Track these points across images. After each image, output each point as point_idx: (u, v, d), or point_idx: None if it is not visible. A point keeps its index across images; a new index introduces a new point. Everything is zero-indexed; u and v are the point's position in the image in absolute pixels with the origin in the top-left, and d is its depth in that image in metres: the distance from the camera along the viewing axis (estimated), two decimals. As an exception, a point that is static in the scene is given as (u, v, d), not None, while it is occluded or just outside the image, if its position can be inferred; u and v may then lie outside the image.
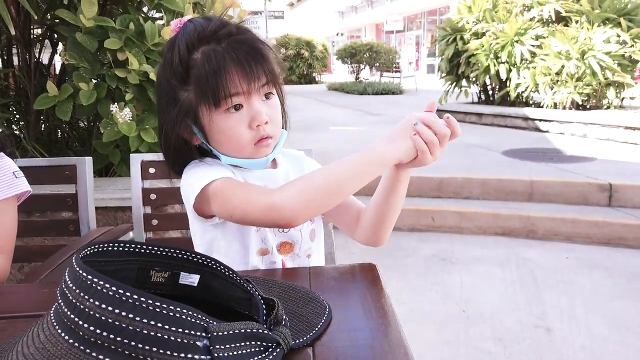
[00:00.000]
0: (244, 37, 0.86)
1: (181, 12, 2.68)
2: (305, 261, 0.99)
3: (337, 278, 0.85)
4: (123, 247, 0.64)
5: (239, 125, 0.87)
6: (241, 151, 0.89)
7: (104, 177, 2.79)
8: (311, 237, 0.99)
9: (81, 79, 2.48)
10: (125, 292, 0.49)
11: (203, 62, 0.83)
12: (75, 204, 1.51)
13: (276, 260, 0.95)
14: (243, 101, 0.86)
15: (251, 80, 0.84)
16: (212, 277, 0.68)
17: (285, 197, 0.78)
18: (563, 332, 2.25)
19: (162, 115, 0.91)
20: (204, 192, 0.85)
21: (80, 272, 0.53)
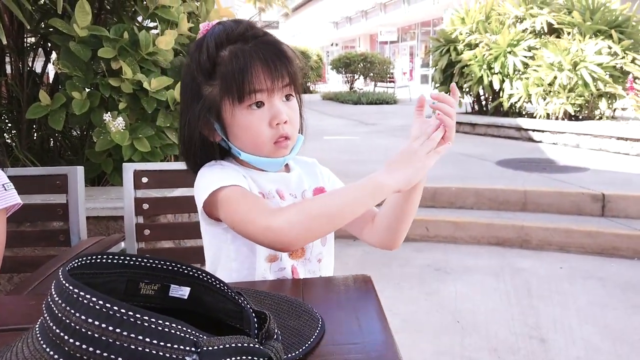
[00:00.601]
0: (271, 38, 0.90)
1: (176, 21, 2.68)
2: (316, 266, 0.98)
3: (330, 290, 0.84)
4: (112, 259, 0.63)
5: (260, 122, 0.89)
6: (260, 149, 0.91)
7: (96, 186, 2.77)
8: (322, 241, 0.99)
9: (74, 88, 2.47)
10: (112, 305, 0.48)
11: (230, 59, 0.87)
12: (66, 213, 1.49)
13: (286, 267, 0.94)
14: (265, 99, 0.88)
15: (275, 79, 0.87)
16: (203, 290, 0.67)
17: (283, 222, 0.79)
18: (557, 342, 2.24)
19: (184, 112, 0.93)
20: (213, 197, 0.86)
21: (66, 285, 0.51)
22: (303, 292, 0.82)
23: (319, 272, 0.98)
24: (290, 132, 0.91)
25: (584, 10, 6.24)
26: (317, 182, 1.03)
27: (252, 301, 0.76)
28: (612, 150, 5.34)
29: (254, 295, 0.78)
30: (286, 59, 0.89)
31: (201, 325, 0.68)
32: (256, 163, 0.93)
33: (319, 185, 1.02)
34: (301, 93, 0.97)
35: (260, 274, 0.92)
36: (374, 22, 25.90)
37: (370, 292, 0.82)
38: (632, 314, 2.50)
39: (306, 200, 0.86)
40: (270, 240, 0.80)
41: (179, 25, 2.69)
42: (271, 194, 0.94)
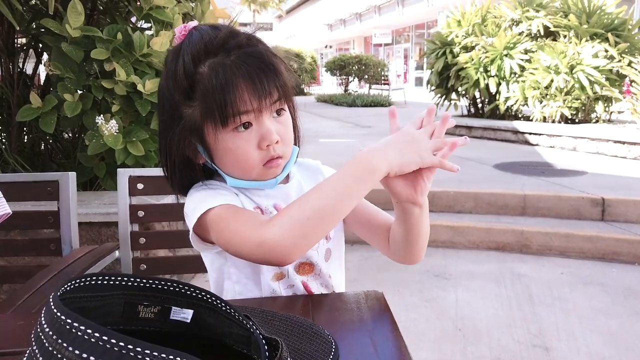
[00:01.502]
0: (255, 49, 0.79)
1: (170, 22, 2.63)
2: (327, 281, 0.91)
3: (341, 309, 0.78)
4: (108, 280, 0.57)
5: (248, 145, 0.80)
6: (249, 172, 0.83)
7: (88, 190, 2.71)
8: (325, 257, 0.92)
9: (66, 90, 2.41)
10: (109, 338, 0.42)
11: (210, 77, 0.76)
12: (57, 221, 1.43)
13: (295, 283, 0.88)
14: (252, 119, 0.79)
15: (262, 97, 0.77)
16: (207, 312, 0.61)
17: (275, 233, 0.71)
18: (562, 351, 2.20)
19: (164, 131, 0.84)
20: (202, 220, 0.79)
21: (57, 314, 0.46)
22: (312, 312, 0.77)
23: (332, 287, 0.92)
24: (282, 151, 0.82)
25: (580, 13, 6.24)
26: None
27: (260, 322, 0.70)
28: (609, 153, 5.33)
29: (261, 315, 0.73)
30: (274, 71, 0.79)
31: (205, 351, 0.62)
32: (246, 187, 0.85)
33: None
34: (293, 102, 0.87)
35: (269, 294, 0.86)
36: (368, 24, 25.93)
37: (385, 312, 0.76)
38: (635, 321, 2.46)
39: (295, 202, 0.74)
40: (266, 256, 0.72)
41: (174, 26, 2.63)
42: (268, 209, 0.87)
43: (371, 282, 2.88)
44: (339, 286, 0.94)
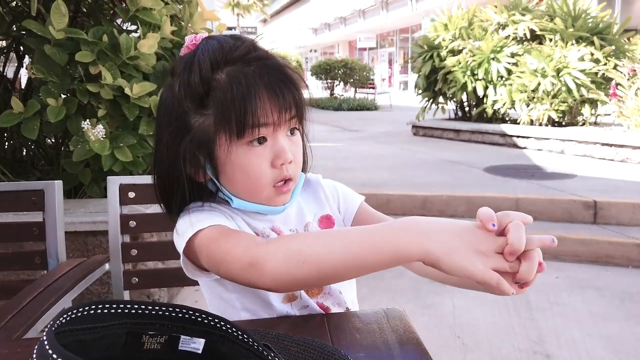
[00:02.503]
0: (275, 62, 0.74)
1: (158, 24, 2.54)
2: (339, 298, 0.84)
3: (361, 329, 0.71)
4: (108, 308, 0.50)
5: (261, 161, 0.74)
6: (258, 193, 0.76)
7: (72, 198, 2.60)
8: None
9: (49, 94, 2.31)
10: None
11: (230, 84, 0.70)
12: (42, 233, 1.34)
13: (309, 304, 0.80)
14: (269, 134, 0.73)
15: (282, 110, 0.72)
16: (221, 341, 0.54)
17: (270, 259, 0.64)
18: (563, 357, 2.16)
19: (163, 145, 0.76)
20: (192, 244, 0.72)
21: (50, 352, 0.39)
22: (330, 333, 0.70)
23: (344, 304, 0.85)
24: (293, 174, 0.77)
25: (566, 17, 6.28)
26: (323, 209, 0.88)
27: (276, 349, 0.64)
28: (597, 156, 5.36)
29: (275, 340, 0.66)
30: (294, 86, 0.74)
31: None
32: (253, 210, 0.78)
33: (325, 212, 0.87)
34: (304, 124, 0.81)
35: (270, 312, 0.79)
36: (353, 28, 26.01)
37: (410, 333, 0.70)
38: (634, 325, 2.44)
39: (300, 237, 0.68)
40: (254, 278, 0.65)
41: (162, 29, 2.55)
42: (265, 232, 0.80)
43: (365, 289, 2.82)
44: (352, 302, 0.87)
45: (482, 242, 0.58)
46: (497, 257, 0.58)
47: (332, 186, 0.92)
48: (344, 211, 0.90)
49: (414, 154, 6.04)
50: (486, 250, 0.58)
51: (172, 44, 2.72)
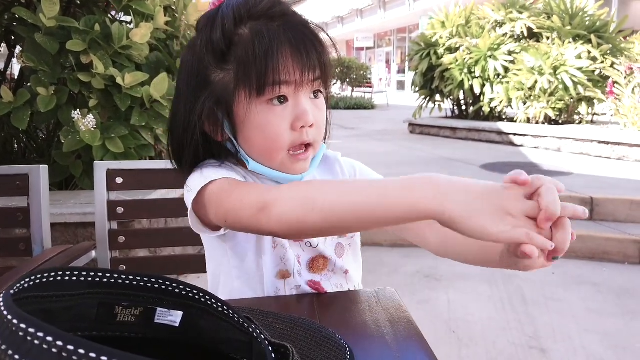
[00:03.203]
0: (301, 19, 0.71)
1: (151, 15, 2.51)
2: (342, 279, 0.81)
3: (350, 309, 0.68)
4: (78, 275, 0.47)
5: (280, 122, 0.70)
6: (275, 155, 0.72)
7: (63, 190, 2.57)
8: (337, 252, 0.81)
9: (40, 84, 2.27)
10: (77, 348, 0.32)
11: (252, 39, 0.68)
12: (27, 219, 1.30)
13: (301, 284, 0.77)
14: (290, 94, 0.70)
15: (305, 70, 0.69)
16: (200, 314, 0.51)
17: (280, 203, 0.61)
18: (559, 352, 2.14)
19: (181, 101, 0.74)
20: (201, 195, 0.69)
21: (8, 317, 0.35)
22: (319, 312, 0.67)
23: (346, 286, 0.81)
24: (314, 139, 0.73)
25: (563, 15, 6.27)
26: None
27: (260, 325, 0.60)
28: (593, 154, 5.34)
29: (261, 317, 0.63)
30: (320, 45, 0.71)
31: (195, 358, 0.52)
32: (267, 175, 0.75)
33: None
34: (329, 88, 0.77)
35: (273, 294, 0.76)
36: (350, 27, 25.99)
37: (401, 311, 0.67)
38: (630, 320, 2.42)
39: (312, 184, 0.65)
40: (261, 222, 0.62)
41: (155, 19, 2.51)
42: None
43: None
44: (355, 282, 0.84)
45: (510, 203, 0.51)
46: (528, 221, 0.51)
47: (349, 164, 0.89)
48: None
49: (411, 152, 6.01)
50: (515, 212, 0.51)
51: (165, 34, 2.69)
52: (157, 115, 2.44)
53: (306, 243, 0.78)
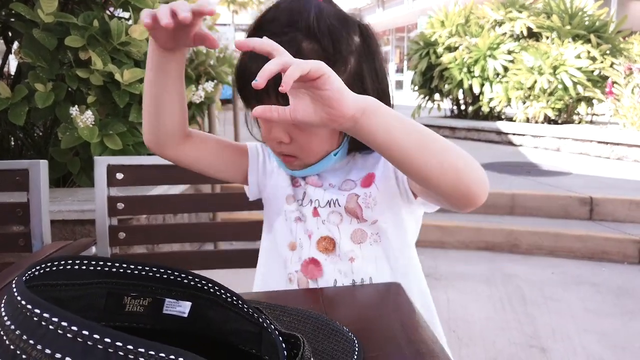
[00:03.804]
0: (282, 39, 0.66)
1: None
2: (347, 266, 0.81)
3: (357, 303, 0.68)
4: (87, 264, 0.46)
5: (263, 125, 0.81)
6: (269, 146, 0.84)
7: (61, 187, 2.55)
8: (353, 238, 0.82)
9: (37, 80, 2.26)
10: (91, 333, 0.32)
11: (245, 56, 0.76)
12: (26, 215, 1.29)
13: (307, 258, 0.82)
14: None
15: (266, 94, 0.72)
16: (208, 305, 0.50)
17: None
18: (558, 352, 2.14)
19: None
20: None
21: (22, 302, 0.35)
22: (325, 307, 0.66)
23: (351, 275, 0.80)
24: (294, 153, 0.79)
25: (563, 14, 6.27)
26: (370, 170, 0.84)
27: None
28: (592, 154, 5.35)
29: (268, 311, 0.62)
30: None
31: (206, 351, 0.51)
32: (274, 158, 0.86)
33: (370, 171, 0.83)
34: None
35: (282, 264, 0.83)
36: (348, 28, 25.91)
37: (407, 305, 0.66)
38: (629, 320, 2.42)
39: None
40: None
41: (155, 15, 2.50)
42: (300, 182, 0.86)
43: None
44: (364, 274, 0.81)
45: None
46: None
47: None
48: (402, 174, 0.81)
49: (409, 151, 6.00)
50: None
51: (165, 31, 2.67)
52: (156, 112, 2.43)
53: (323, 221, 0.81)
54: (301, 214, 0.83)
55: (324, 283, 0.80)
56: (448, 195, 0.67)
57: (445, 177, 0.65)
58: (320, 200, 0.82)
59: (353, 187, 0.82)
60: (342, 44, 0.73)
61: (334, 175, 0.84)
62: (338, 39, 0.73)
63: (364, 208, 0.80)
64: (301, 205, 0.83)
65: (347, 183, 0.82)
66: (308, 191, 0.83)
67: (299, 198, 0.84)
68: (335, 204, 0.80)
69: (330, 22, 0.73)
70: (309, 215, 0.83)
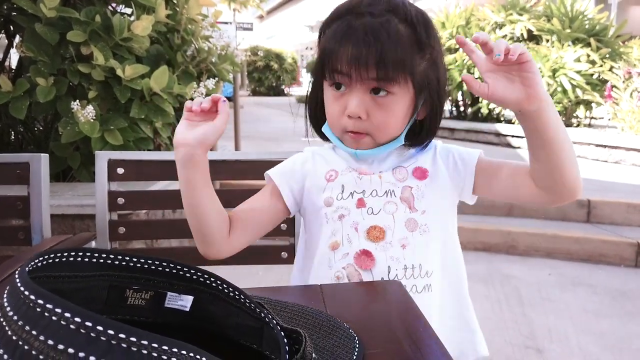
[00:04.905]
0: (383, 20, 0.78)
1: (152, 7, 2.49)
2: (399, 252, 0.83)
3: (357, 300, 0.68)
4: (90, 257, 0.46)
5: (336, 105, 0.83)
6: (334, 129, 0.87)
7: (61, 182, 2.55)
8: (408, 227, 0.85)
9: (39, 74, 2.25)
10: (95, 324, 0.32)
11: (330, 33, 0.82)
12: (26, 208, 1.29)
13: (349, 252, 0.83)
14: (347, 84, 0.81)
15: (359, 67, 0.77)
16: (210, 299, 0.51)
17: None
18: (555, 352, 2.14)
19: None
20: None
21: (25, 292, 0.35)
22: (325, 304, 0.67)
23: (403, 261, 0.82)
24: (366, 131, 0.82)
25: (563, 18, 6.28)
26: (422, 163, 0.90)
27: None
28: (590, 157, 5.36)
29: (269, 305, 0.62)
30: (387, 47, 0.76)
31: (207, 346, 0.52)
32: (333, 141, 0.88)
33: (421, 165, 0.89)
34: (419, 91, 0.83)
35: (326, 265, 0.85)
36: (349, 27, 25.89)
37: (407, 302, 0.67)
38: (627, 322, 2.43)
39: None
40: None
41: (156, 12, 2.50)
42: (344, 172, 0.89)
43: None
44: (418, 259, 0.84)
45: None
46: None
47: (445, 148, 0.94)
48: (462, 168, 0.90)
49: (408, 151, 6.01)
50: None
51: (166, 27, 2.67)
52: (156, 108, 2.43)
53: (367, 210, 0.84)
54: (344, 209, 0.86)
55: (377, 272, 0.81)
56: (567, 188, 0.78)
57: (572, 172, 0.77)
58: (378, 190, 0.85)
59: (406, 177, 0.87)
60: (430, 34, 0.82)
61: (383, 162, 0.88)
62: (427, 28, 0.82)
63: (416, 199, 0.85)
64: (342, 199, 0.86)
65: (399, 170, 0.87)
66: (349, 183, 0.87)
67: (337, 192, 0.87)
68: (392, 194, 0.85)
69: (421, 13, 0.83)
70: (352, 207, 0.85)
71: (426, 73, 0.82)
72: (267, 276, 2.63)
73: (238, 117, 4.39)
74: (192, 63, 2.73)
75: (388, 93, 0.80)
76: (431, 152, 0.92)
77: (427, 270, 0.85)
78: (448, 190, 0.88)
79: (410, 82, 0.80)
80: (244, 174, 1.33)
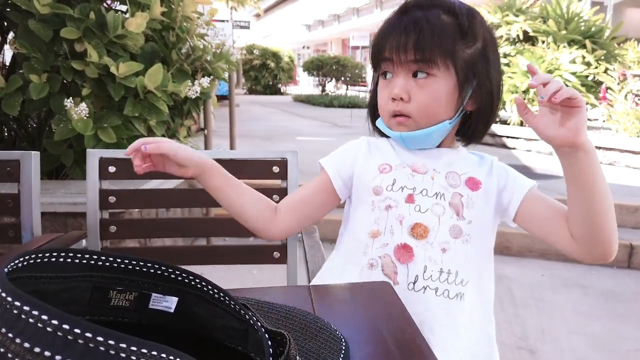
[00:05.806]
0: (427, 14, 0.84)
1: (147, 4, 2.48)
2: (438, 254, 0.83)
3: (346, 301, 0.68)
4: (72, 257, 0.46)
5: (384, 93, 0.88)
6: (383, 117, 0.91)
7: (53, 180, 2.54)
8: (452, 233, 0.85)
9: (32, 71, 2.24)
10: (72, 327, 0.31)
11: (381, 26, 0.89)
12: (17, 206, 1.28)
13: (389, 242, 0.84)
14: (391, 70, 0.87)
15: (401, 51, 0.83)
16: (195, 301, 0.50)
17: None
18: (547, 353, 2.15)
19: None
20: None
21: (2, 294, 0.34)
22: (314, 305, 0.66)
23: (440, 264, 0.83)
24: (410, 113, 0.85)
25: (559, 19, 6.30)
26: (476, 174, 0.90)
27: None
28: (585, 158, 5.37)
29: (256, 307, 0.62)
30: (426, 31, 0.82)
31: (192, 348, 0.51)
32: (384, 131, 0.92)
33: (475, 176, 0.90)
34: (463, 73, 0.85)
35: (361, 252, 0.86)
36: (347, 26, 25.98)
37: (396, 304, 0.67)
38: (619, 324, 2.44)
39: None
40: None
41: (151, 9, 2.48)
42: (398, 167, 0.90)
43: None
44: (456, 266, 0.84)
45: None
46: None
47: (502, 168, 0.94)
48: (512, 191, 0.90)
49: (404, 151, 6.01)
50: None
51: (161, 25, 2.66)
52: (150, 106, 2.42)
53: (415, 207, 0.85)
54: (392, 201, 0.86)
55: (414, 269, 0.82)
56: (599, 241, 0.80)
57: (605, 226, 0.79)
58: (429, 190, 0.87)
59: (458, 184, 0.88)
60: (475, 24, 0.85)
61: (438, 160, 0.90)
62: (471, 19, 0.85)
63: (465, 207, 0.86)
64: (392, 191, 0.87)
65: (452, 176, 0.88)
66: (401, 178, 0.88)
67: (388, 184, 0.88)
68: (442, 197, 0.86)
69: (466, 6, 0.87)
70: (401, 201, 0.86)
71: (472, 62, 0.84)
72: (261, 275, 2.62)
73: (233, 115, 4.38)
74: (187, 61, 2.72)
75: (428, 75, 0.83)
76: (487, 166, 0.92)
77: (463, 278, 0.85)
78: (495, 207, 0.89)
79: (451, 67, 0.83)
80: (239, 172, 1.32)
